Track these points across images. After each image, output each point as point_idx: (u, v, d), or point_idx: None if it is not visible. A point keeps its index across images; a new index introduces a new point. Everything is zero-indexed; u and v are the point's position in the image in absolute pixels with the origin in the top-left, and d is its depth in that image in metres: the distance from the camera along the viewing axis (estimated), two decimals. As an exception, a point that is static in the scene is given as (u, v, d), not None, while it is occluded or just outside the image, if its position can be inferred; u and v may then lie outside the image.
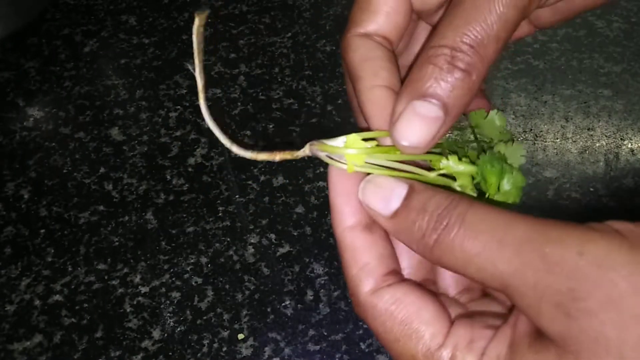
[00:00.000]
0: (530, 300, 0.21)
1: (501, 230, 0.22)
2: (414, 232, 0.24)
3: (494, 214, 0.23)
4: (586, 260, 0.20)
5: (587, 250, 0.20)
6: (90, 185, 0.55)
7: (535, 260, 0.21)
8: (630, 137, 0.57)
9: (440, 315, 0.25)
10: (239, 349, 0.46)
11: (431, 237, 0.23)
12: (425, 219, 0.24)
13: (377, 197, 0.26)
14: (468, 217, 0.23)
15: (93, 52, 0.67)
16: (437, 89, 0.25)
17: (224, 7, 0.70)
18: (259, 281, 0.49)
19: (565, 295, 0.20)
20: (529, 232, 0.21)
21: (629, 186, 0.53)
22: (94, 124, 0.60)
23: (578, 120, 0.59)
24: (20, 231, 0.53)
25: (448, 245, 0.23)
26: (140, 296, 0.48)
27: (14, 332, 0.47)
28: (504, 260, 0.21)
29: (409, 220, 0.24)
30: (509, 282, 0.21)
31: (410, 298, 0.25)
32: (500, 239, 0.22)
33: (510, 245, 0.21)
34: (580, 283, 0.20)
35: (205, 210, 0.53)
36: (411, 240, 0.24)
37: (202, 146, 0.58)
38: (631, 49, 0.64)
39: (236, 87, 0.62)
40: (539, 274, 0.21)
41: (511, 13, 0.25)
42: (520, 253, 0.21)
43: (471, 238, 0.22)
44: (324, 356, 0.45)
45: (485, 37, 0.25)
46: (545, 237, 0.21)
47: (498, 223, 0.22)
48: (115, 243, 0.52)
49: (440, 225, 0.23)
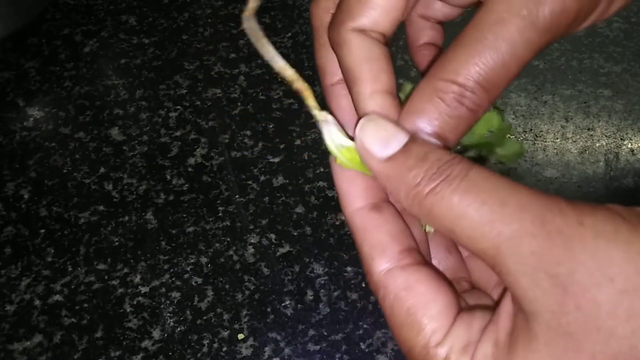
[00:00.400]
0: (528, 268, 0.20)
1: (504, 192, 0.21)
2: (408, 179, 0.23)
3: (497, 176, 0.22)
4: (585, 229, 0.20)
5: (587, 220, 0.20)
6: (90, 185, 0.55)
7: (536, 225, 0.20)
8: (630, 137, 0.57)
9: (447, 311, 0.24)
10: (239, 349, 0.46)
11: (427, 186, 0.22)
12: (424, 168, 0.23)
13: (376, 136, 0.25)
14: (471, 174, 0.22)
15: (93, 52, 0.67)
16: (441, 123, 0.25)
17: (224, 7, 0.70)
18: (259, 281, 0.49)
19: (563, 266, 0.20)
20: (532, 198, 0.21)
21: (629, 186, 0.53)
22: (94, 124, 0.60)
23: (578, 120, 0.59)
24: (20, 231, 0.53)
25: (444, 197, 0.22)
26: (140, 296, 0.48)
27: (14, 332, 0.47)
28: (504, 221, 0.21)
29: (404, 166, 0.23)
30: (504, 245, 0.21)
31: (422, 287, 0.24)
32: (503, 200, 0.21)
33: (511, 207, 0.21)
34: (578, 253, 0.20)
35: (205, 210, 0.53)
36: (401, 188, 0.23)
37: (202, 146, 0.58)
38: (631, 49, 0.64)
39: (236, 87, 0.62)
40: (539, 240, 0.20)
41: (531, 36, 0.24)
42: (520, 215, 0.21)
43: (472, 193, 0.21)
44: (324, 356, 0.45)
45: (496, 74, 0.24)
46: (547, 205, 0.21)
47: (501, 185, 0.22)
48: (115, 243, 0.52)
49: (440, 176, 0.22)
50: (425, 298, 0.24)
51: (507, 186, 0.21)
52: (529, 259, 0.20)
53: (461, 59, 0.24)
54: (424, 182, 0.23)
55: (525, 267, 0.20)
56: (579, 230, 0.20)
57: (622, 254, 0.19)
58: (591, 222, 0.20)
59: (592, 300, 0.19)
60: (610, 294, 0.19)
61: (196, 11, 0.70)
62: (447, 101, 0.24)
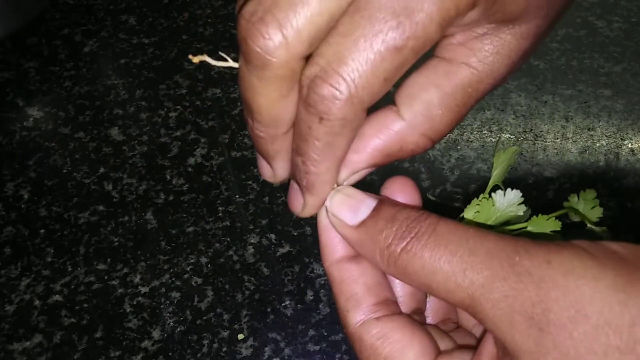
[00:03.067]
0: (503, 312, 0.21)
1: (472, 241, 0.22)
2: (379, 241, 0.24)
3: (464, 227, 0.23)
4: (553, 268, 0.20)
5: (554, 259, 0.20)
6: (90, 185, 0.55)
7: (506, 269, 0.21)
8: (631, 137, 0.57)
9: (424, 356, 0.24)
10: (239, 349, 0.46)
11: (399, 245, 0.23)
12: (394, 228, 0.23)
13: (345, 206, 0.25)
14: (439, 228, 0.23)
15: (93, 52, 0.67)
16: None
17: (223, 7, 0.70)
18: (259, 281, 0.49)
19: (537, 307, 0.20)
20: (500, 244, 0.21)
21: (629, 186, 0.53)
22: (93, 123, 0.60)
23: (578, 120, 0.59)
24: (20, 231, 0.52)
25: (416, 254, 0.22)
26: (140, 296, 0.48)
27: (14, 332, 0.47)
28: (474, 269, 0.21)
29: (376, 230, 0.24)
30: (479, 292, 0.21)
31: (397, 335, 0.24)
32: (471, 249, 0.22)
33: (480, 255, 0.21)
34: (550, 292, 0.20)
35: (205, 210, 0.53)
36: (375, 250, 0.24)
37: (202, 146, 0.58)
38: (631, 49, 0.64)
39: (236, 87, 0.62)
40: (510, 283, 0.20)
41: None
42: (490, 261, 0.21)
43: (441, 246, 0.22)
44: (324, 356, 0.45)
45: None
46: (514, 248, 0.21)
47: (469, 234, 0.22)
48: (115, 243, 0.51)
49: (410, 234, 0.23)
50: (401, 344, 0.24)
51: (475, 235, 0.22)
52: (503, 302, 0.21)
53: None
54: (396, 242, 0.23)
55: (501, 312, 0.21)
56: (547, 270, 0.20)
57: (592, 290, 0.20)
58: (559, 261, 0.20)
59: (569, 337, 0.19)
60: (585, 330, 0.19)
61: (196, 11, 0.70)
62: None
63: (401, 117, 0.25)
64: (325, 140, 0.24)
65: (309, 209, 0.27)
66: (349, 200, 0.26)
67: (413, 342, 0.24)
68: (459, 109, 0.25)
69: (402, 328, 0.25)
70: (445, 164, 0.55)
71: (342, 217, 0.25)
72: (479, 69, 0.25)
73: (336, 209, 0.26)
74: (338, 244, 0.27)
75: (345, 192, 0.26)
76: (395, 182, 0.27)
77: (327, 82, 0.22)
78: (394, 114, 0.25)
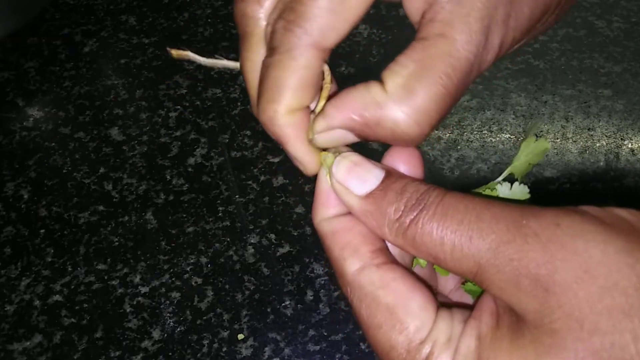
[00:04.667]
0: (508, 275, 0.20)
1: (479, 207, 0.22)
2: (389, 213, 0.23)
3: (471, 196, 0.23)
4: (562, 230, 0.20)
5: (563, 221, 0.20)
6: (90, 185, 0.55)
7: (512, 232, 0.21)
8: (631, 137, 0.57)
9: (427, 307, 0.24)
10: (239, 349, 0.46)
11: (408, 216, 0.23)
12: (403, 200, 0.23)
13: (352, 174, 0.25)
14: (447, 198, 0.23)
15: (93, 52, 0.67)
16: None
17: (223, 7, 0.70)
18: (259, 281, 0.49)
19: (543, 268, 0.20)
20: (506, 208, 0.21)
21: (629, 186, 0.53)
22: (93, 124, 0.60)
23: (578, 120, 0.59)
24: (20, 231, 0.52)
25: (424, 225, 0.22)
26: (140, 296, 0.48)
27: (14, 332, 0.47)
28: (480, 234, 0.21)
29: (385, 201, 0.24)
30: (484, 259, 0.21)
31: (399, 284, 0.24)
32: (478, 215, 0.21)
33: (486, 220, 0.21)
34: (557, 253, 0.20)
35: (205, 210, 0.53)
36: (383, 222, 0.24)
37: (202, 146, 0.58)
38: (631, 49, 0.64)
39: (236, 87, 0.62)
40: (517, 246, 0.20)
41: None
42: (496, 225, 0.21)
43: (448, 216, 0.22)
44: (324, 356, 0.45)
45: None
46: (521, 212, 0.21)
47: (475, 202, 0.22)
48: (115, 243, 0.51)
49: (419, 205, 0.23)
50: (404, 295, 0.24)
51: (482, 202, 0.22)
52: (508, 266, 0.20)
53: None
54: (405, 214, 0.23)
55: (507, 276, 0.21)
56: (555, 231, 0.20)
57: (601, 253, 0.20)
58: (568, 223, 0.20)
59: (574, 297, 0.19)
60: (591, 291, 0.19)
61: (196, 11, 0.70)
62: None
63: (384, 88, 0.25)
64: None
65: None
66: (356, 169, 0.25)
67: (415, 293, 0.24)
68: (443, 84, 0.24)
69: (404, 278, 0.24)
70: (445, 164, 0.55)
71: (349, 185, 0.25)
72: (456, 37, 0.24)
73: (342, 177, 0.25)
74: (332, 203, 0.26)
75: (352, 159, 0.25)
76: (401, 153, 0.27)
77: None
78: (379, 86, 0.25)
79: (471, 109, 0.59)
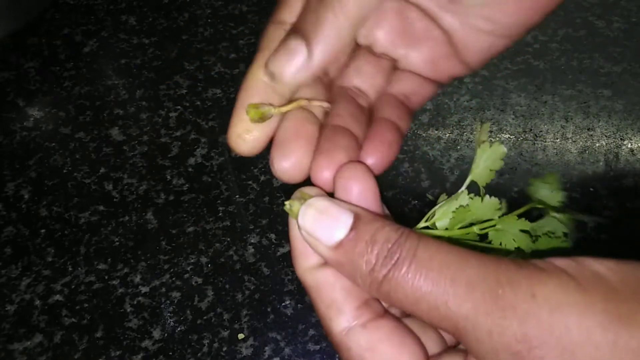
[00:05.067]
0: (487, 347, 0.20)
1: (453, 268, 0.21)
2: (361, 265, 0.23)
3: (444, 251, 0.22)
4: (538, 303, 0.20)
5: (539, 292, 0.20)
6: (91, 185, 0.55)
7: (489, 303, 0.20)
8: (630, 137, 0.57)
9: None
10: (239, 349, 0.46)
11: (380, 272, 0.22)
12: (374, 253, 0.22)
13: (320, 224, 0.24)
14: (419, 253, 0.22)
15: (93, 52, 0.67)
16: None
17: (224, 7, 0.70)
18: (259, 281, 0.49)
19: (522, 344, 0.20)
20: (481, 272, 0.21)
21: (629, 186, 0.53)
22: (94, 124, 0.60)
23: (578, 120, 0.59)
24: (20, 231, 0.53)
25: (398, 282, 0.22)
26: (140, 296, 0.48)
27: (14, 332, 0.47)
28: (456, 301, 0.21)
29: (355, 253, 0.23)
30: (462, 324, 0.21)
31: (386, 346, 0.24)
32: (452, 278, 0.21)
33: (462, 286, 0.21)
34: (534, 329, 0.20)
35: (206, 210, 0.53)
36: (356, 274, 0.23)
37: (202, 146, 0.58)
38: (631, 49, 0.64)
39: (236, 87, 0.62)
40: (494, 319, 0.20)
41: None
42: (472, 293, 0.20)
43: (422, 275, 0.21)
44: (324, 356, 0.45)
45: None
46: (497, 278, 0.20)
47: (450, 261, 0.21)
48: (115, 243, 0.52)
49: (391, 260, 0.22)
50: (390, 356, 0.24)
51: (455, 260, 0.21)
52: (487, 338, 0.20)
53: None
54: (377, 268, 0.22)
55: (486, 346, 0.20)
56: (532, 304, 0.20)
57: (579, 330, 0.19)
58: (544, 294, 0.20)
59: None
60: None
61: (196, 11, 0.70)
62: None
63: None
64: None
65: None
66: (323, 218, 0.24)
67: (403, 352, 0.24)
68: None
69: (391, 337, 0.24)
70: (445, 164, 0.55)
71: (317, 236, 0.24)
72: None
73: (310, 228, 0.24)
74: (310, 251, 0.26)
75: (318, 207, 0.25)
76: (347, 173, 0.26)
77: None
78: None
79: (471, 109, 0.59)
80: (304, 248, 0.26)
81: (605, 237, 0.48)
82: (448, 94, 0.60)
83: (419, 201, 0.53)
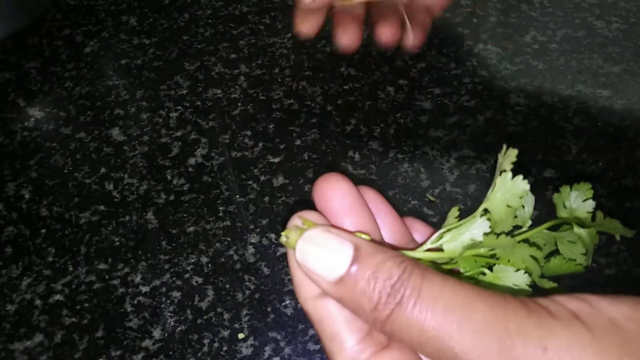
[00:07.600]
0: None
1: (459, 312, 0.20)
2: (363, 302, 0.22)
3: (449, 292, 0.21)
4: (549, 357, 0.19)
5: (550, 345, 0.19)
6: (91, 185, 0.56)
7: (497, 354, 0.20)
8: (630, 138, 0.57)
9: None
10: (239, 349, 0.46)
11: (383, 311, 0.21)
12: (376, 290, 0.22)
13: (319, 260, 0.23)
14: (424, 292, 0.21)
15: (94, 52, 0.67)
16: None
17: (224, 8, 0.70)
18: (259, 281, 0.49)
19: None
20: (489, 318, 0.20)
21: (629, 186, 0.54)
22: (94, 124, 0.60)
23: (577, 121, 0.59)
24: (21, 231, 0.53)
25: (402, 322, 0.21)
26: (140, 296, 0.49)
27: (15, 331, 0.47)
28: (463, 347, 0.20)
29: (357, 290, 0.22)
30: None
31: None
32: (459, 322, 0.20)
33: (469, 331, 0.20)
34: None
35: (206, 210, 0.53)
36: (359, 311, 0.22)
37: (202, 146, 0.58)
38: (630, 50, 0.64)
39: (236, 87, 0.63)
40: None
41: None
42: (480, 341, 0.20)
43: (427, 317, 0.21)
44: (324, 356, 0.45)
45: None
46: (505, 326, 0.20)
47: (456, 302, 0.21)
48: (116, 243, 0.52)
49: (394, 299, 0.21)
50: None
51: (461, 305, 0.21)
52: None
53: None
54: (380, 308, 0.22)
55: None
56: (543, 359, 0.19)
57: None
58: (555, 347, 0.19)
59: None
60: None
61: (197, 12, 0.70)
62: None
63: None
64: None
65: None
66: (322, 253, 0.23)
67: None
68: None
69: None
70: (445, 164, 0.56)
71: (317, 272, 0.23)
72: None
73: (308, 264, 0.23)
74: (311, 283, 0.25)
75: (315, 241, 0.23)
76: (325, 184, 0.25)
77: None
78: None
79: (471, 109, 0.60)
80: (304, 278, 0.25)
81: (605, 237, 0.48)
82: (448, 94, 0.61)
83: (419, 201, 0.53)
